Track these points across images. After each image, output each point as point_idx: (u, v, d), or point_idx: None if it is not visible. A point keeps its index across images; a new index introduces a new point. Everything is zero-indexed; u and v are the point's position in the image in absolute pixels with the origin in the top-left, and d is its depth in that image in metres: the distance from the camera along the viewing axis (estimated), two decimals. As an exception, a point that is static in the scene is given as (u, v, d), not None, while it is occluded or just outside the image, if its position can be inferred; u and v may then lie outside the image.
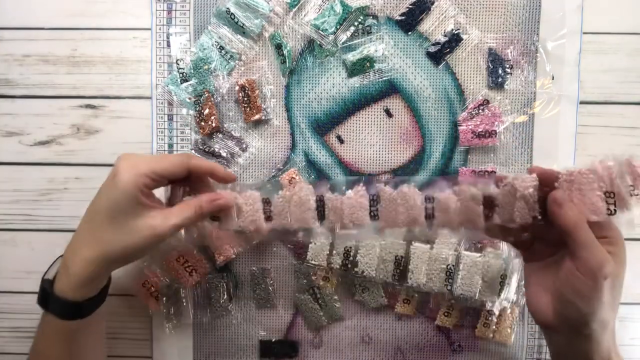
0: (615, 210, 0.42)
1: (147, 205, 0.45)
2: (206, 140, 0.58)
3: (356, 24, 0.56)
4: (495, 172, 0.57)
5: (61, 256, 0.49)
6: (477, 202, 0.45)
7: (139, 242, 0.45)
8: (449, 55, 0.56)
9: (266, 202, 0.49)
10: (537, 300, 0.45)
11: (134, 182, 0.44)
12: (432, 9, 0.56)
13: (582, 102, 0.57)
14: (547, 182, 0.44)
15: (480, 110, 0.56)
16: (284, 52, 0.56)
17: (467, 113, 0.56)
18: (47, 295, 0.46)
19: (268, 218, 0.49)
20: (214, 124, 0.57)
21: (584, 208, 0.42)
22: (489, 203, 0.46)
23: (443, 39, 0.56)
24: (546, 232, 0.44)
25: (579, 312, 0.41)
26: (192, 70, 0.57)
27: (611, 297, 0.42)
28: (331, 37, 0.55)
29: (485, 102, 0.56)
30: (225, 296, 0.59)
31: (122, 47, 0.58)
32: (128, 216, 0.45)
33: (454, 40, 0.56)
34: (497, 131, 0.56)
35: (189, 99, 0.57)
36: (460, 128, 0.56)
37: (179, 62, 0.57)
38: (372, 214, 0.49)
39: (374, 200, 0.48)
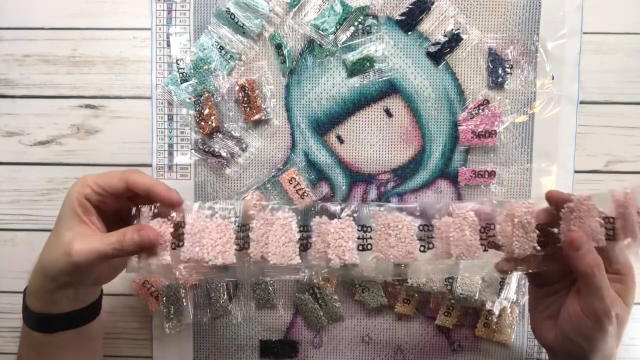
0: (613, 234, 0.42)
1: (81, 221, 0.43)
2: (206, 140, 0.58)
3: (356, 24, 0.56)
4: (495, 172, 0.57)
5: None
6: (474, 230, 0.43)
7: (57, 259, 0.42)
8: (449, 55, 0.56)
9: (241, 229, 0.44)
10: (540, 326, 0.45)
11: (77, 191, 0.44)
12: (432, 9, 0.56)
13: (582, 102, 0.57)
14: (559, 207, 0.43)
15: (480, 110, 0.56)
16: (284, 52, 0.56)
17: (467, 113, 0.56)
18: (24, 308, 0.46)
19: (241, 248, 0.44)
20: (214, 124, 0.57)
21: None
22: (486, 230, 0.43)
23: (443, 39, 0.56)
24: (553, 262, 0.43)
25: (580, 349, 0.41)
26: (192, 70, 0.57)
27: (616, 332, 0.41)
28: (331, 37, 0.55)
29: (485, 102, 0.56)
30: (225, 296, 0.59)
31: (122, 47, 0.58)
32: (61, 228, 0.43)
33: (454, 40, 0.56)
34: (497, 131, 0.56)
35: (189, 99, 0.57)
36: (460, 128, 0.56)
37: (179, 62, 0.57)
38: (360, 247, 0.44)
39: (365, 229, 0.44)
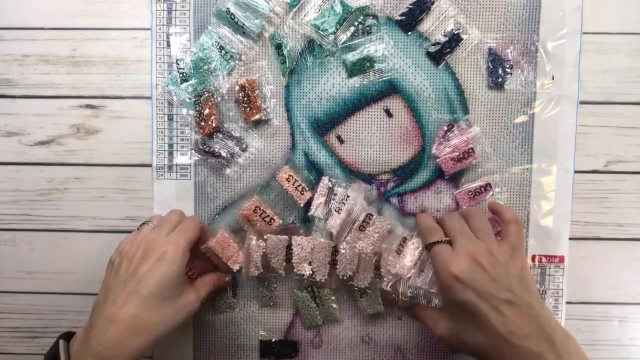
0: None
1: (186, 282, 0.50)
2: (206, 140, 0.58)
3: (356, 24, 0.56)
4: (490, 184, 0.57)
5: (62, 337, 0.46)
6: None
7: (181, 319, 0.48)
8: (449, 55, 0.56)
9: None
10: (436, 323, 0.50)
11: (181, 259, 0.47)
12: (432, 9, 0.56)
13: (582, 102, 0.57)
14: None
15: (450, 134, 0.56)
16: (284, 52, 0.56)
17: (439, 143, 0.56)
18: None
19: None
20: (214, 124, 0.57)
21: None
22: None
23: (443, 39, 0.56)
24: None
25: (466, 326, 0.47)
26: (192, 70, 0.57)
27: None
28: (331, 37, 0.55)
29: (450, 127, 0.56)
30: (230, 293, 0.59)
31: (122, 47, 0.58)
32: (175, 296, 0.47)
33: (454, 40, 0.56)
34: (474, 147, 0.56)
35: (189, 99, 0.57)
36: (439, 160, 0.56)
37: (179, 62, 0.57)
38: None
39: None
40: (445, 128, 0.56)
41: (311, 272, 0.55)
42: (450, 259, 0.46)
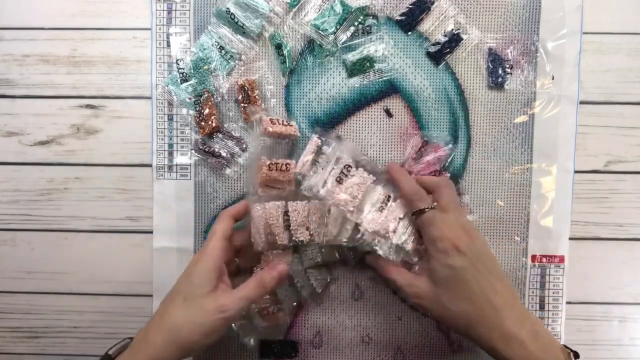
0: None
1: (217, 282, 0.47)
2: (206, 140, 0.58)
3: (356, 24, 0.56)
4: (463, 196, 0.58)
5: (130, 338, 0.49)
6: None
7: (212, 327, 0.45)
8: (449, 55, 0.56)
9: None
10: (411, 283, 0.50)
11: (216, 256, 0.47)
12: (432, 9, 0.56)
13: (582, 102, 0.57)
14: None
15: (423, 151, 0.56)
16: (284, 52, 0.56)
17: (412, 160, 0.57)
18: None
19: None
20: (214, 124, 0.57)
21: None
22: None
23: (443, 39, 0.56)
24: None
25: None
26: (192, 70, 0.57)
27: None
28: (331, 37, 0.55)
29: (425, 143, 0.56)
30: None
31: (122, 47, 0.58)
32: (201, 295, 0.46)
33: (454, 40, 0.56)
34: (445, 166, 0.57)
35: (189, 99, 0.57)
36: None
37: (179, 62, 0.57)
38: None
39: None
40: (420, 144, 0.57)
41: (310, 237, 0.53)
42: (448, 228, 0.47)
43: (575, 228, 0.58)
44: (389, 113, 0.57)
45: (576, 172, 0.58)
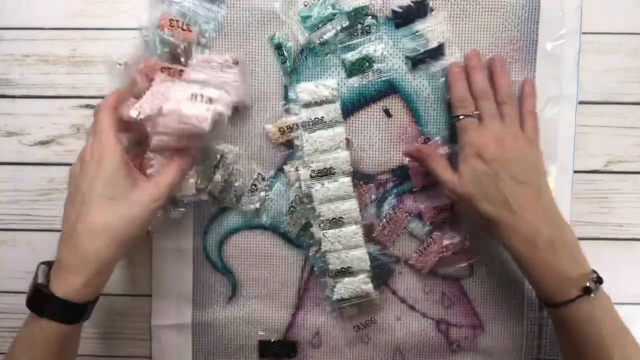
0: None
1: (132, 173, 0.47)
2: (206, 140, 0.58)
3: (355, 25, 0.56)
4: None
5: (44, 263, 0.48)
6: None
7: (140, 215, 0.46)
8: (426, 65, 0.56)
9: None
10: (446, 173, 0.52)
11: (115, 152, 0.46)
12: (427, 16, 0.55)
13: (581, 102, 0.57)
14: None
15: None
16: (284, 52, 0.56)
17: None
18: (44, 299, 0.45)
19: None
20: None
21: None
22: None
23: (424, 49, 0.55)
24: None
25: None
26: (191, 70, 0.57)
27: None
28: (327, 34, 0.55)
29: (426, 140, 0.56)
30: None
31: (122, 47, 0.58)
32: (125, 191, 0.46)
33: (436, 53, 0.55)
34: None
35: (189, 99, 0.57)
36: (410, 172, 0.57)
37: (178, 62, 0.57)
38: None
39: None
40: (422, 141, 0.57)
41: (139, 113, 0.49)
42: (477, 136, 0.50)
43: (575, 228, 0.58)
44: (388, 113, 0.57)
45: (576, 172, 0.58)
